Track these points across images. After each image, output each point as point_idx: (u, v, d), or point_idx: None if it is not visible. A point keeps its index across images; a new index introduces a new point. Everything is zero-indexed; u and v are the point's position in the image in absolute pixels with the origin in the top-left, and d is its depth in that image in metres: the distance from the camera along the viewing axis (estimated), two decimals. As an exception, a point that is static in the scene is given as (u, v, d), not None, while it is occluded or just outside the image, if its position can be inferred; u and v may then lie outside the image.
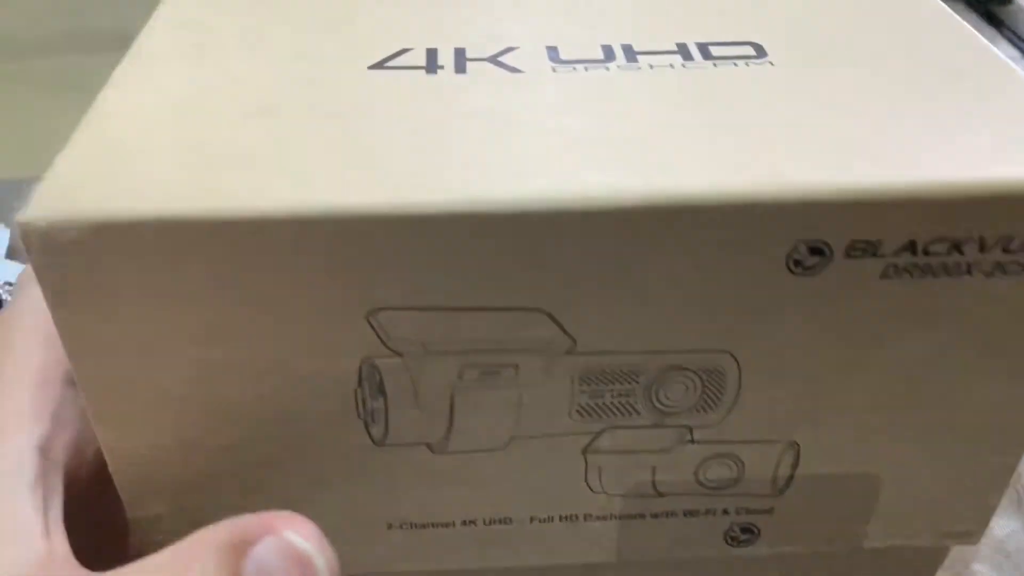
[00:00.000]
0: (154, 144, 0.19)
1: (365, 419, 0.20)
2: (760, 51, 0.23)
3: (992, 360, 0.20)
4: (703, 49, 0.23)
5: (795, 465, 0.22)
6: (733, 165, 0.18)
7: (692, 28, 0.24)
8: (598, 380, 0.20)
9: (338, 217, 0.17)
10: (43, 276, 0.17)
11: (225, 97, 0.20)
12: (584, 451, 0.21)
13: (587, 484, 0.22)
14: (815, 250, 0.18)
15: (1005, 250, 0.19)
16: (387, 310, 0.18)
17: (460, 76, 0.21)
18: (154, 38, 0.23)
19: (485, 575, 0.24)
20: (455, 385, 0.20)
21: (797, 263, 0.18)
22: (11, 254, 0.44)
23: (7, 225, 0.44)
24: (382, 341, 0.19)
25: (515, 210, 0.17)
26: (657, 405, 0.21)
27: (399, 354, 0.19)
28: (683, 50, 0.23)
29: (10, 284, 0.40)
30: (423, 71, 0.22)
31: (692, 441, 0.21)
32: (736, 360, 0.20)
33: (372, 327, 0.19)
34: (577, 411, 0.21)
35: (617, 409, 0.21)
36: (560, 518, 0.23)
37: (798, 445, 0.21)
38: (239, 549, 0.17)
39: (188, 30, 0.23)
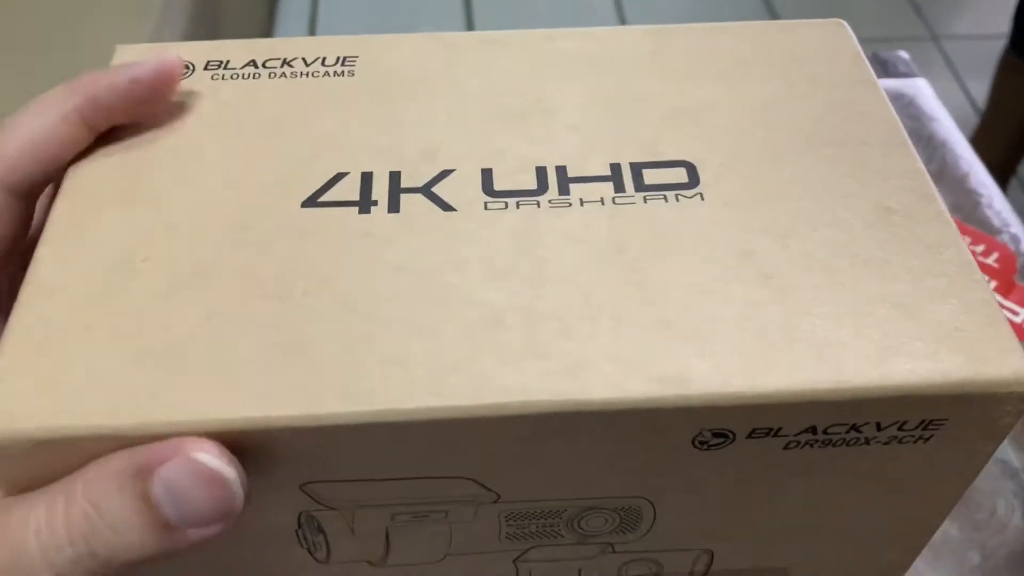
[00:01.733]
0: (89, 331, 0.19)
1: (308, 548, 0.22)
2: (693, 175, 0.23)
3: (886, 489, 0.22)
4: (636, 174, 0.23)
5: (710, 563, 0.24)
6: (640, 365, 0.19)
7: (628, 141, 0.23)
8: (523, 517, 0.22)
9: (266, 428, 0.18)
10: None
11: (159, 254, 0.21)
12: (515, 560, 0.23)
13: (518, 584, 0.24)
14: (719, 434, 0.19)
15: (900, 428, 0.20)
16: (319, 482, 0.20)
17: (393, 218, 0.22)
18: (87, 166, 0.23)
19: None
20: (389, 525, 0.21)
21: (703, 443, 0.20)
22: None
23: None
24: (316, 502, 0.20)
25: (432, 418, 0.18)
26: (579, 531, 0.22)
27: (333, 508, 0.21)
28: (616, 175, 0.23)
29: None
30: (356, 209, 0.22)
31: (613, 552, 0.23)
32: (651, 502, 0.21)
33: (306, 494, 0.20)
34: (506, 537, 0.22)
35: (542, 534, 0.22)
36: None
37: (712, 551, 0.23)
38: (144, 473, 0.17)
39: (122, 151, 0.23)
